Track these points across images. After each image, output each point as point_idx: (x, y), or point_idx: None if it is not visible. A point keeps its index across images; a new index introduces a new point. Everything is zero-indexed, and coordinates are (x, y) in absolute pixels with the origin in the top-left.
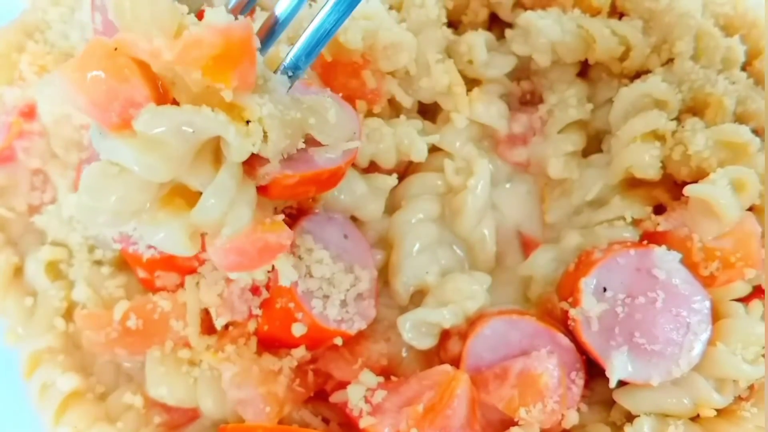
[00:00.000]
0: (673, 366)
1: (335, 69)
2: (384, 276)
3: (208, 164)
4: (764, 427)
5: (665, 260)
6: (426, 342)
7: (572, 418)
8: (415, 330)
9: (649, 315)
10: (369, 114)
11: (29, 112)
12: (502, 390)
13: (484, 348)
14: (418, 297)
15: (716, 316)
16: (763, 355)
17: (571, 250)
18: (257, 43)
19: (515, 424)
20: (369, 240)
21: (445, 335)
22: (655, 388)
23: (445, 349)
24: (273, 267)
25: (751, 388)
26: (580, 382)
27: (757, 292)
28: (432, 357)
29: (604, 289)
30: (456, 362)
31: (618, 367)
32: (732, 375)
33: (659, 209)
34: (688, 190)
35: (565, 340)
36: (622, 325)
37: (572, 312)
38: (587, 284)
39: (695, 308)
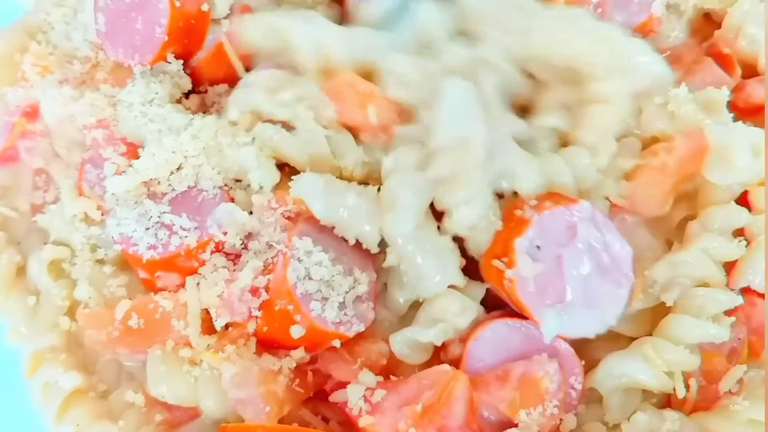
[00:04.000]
0: (606, 317)
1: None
2: (384, 278)
3: None
4: (762, 421)
5: (589, 212)
6: (420, 357)
7: (570, 423)
8: (408, 348)
9: (580, 270)
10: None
11: (32, 113)
12: (503, 391)
13: (485, 350)
14: (417, 303)
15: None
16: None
17: None
18: None
19: (513, 425)
20: None
21: None
22: (615, 359)
23: (445, 350)
24: (272, 268)
25: (740, 382)
26: (579, 386)
27: None
28: (432, 357)
29: (538, 248)
30: (456, 363)
31: (551, 323)
32: (698, 337)
33: None
34: None
35: (564, 345)
36: (555, 282)
37: (508, 273)
38: (521, 244)
39: (621, 258)
